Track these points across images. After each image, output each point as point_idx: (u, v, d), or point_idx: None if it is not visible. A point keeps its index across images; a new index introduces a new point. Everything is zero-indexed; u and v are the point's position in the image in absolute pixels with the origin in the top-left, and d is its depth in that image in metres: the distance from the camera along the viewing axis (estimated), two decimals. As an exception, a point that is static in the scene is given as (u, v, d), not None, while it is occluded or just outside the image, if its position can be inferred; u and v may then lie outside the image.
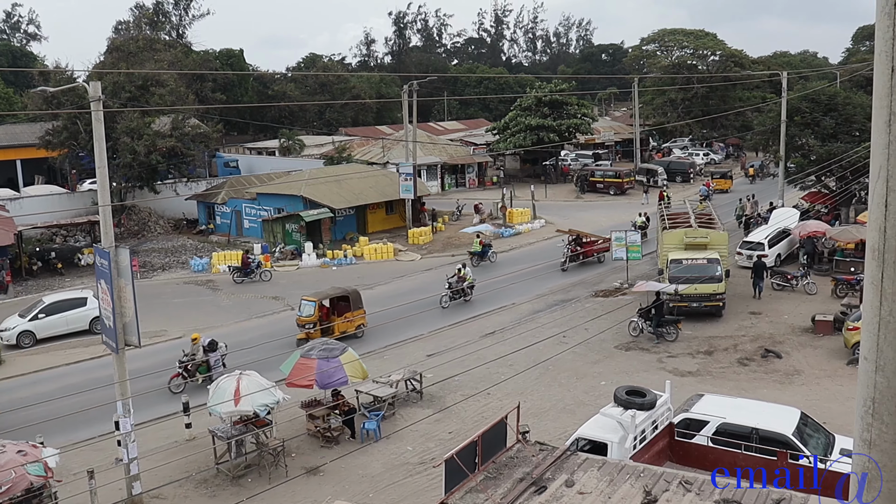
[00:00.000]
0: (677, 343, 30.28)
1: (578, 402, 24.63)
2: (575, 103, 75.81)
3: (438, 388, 25.79)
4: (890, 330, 3.64)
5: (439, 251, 48.09)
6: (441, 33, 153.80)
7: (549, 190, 68.90)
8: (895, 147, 3.48)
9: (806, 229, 40.82)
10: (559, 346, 28.44)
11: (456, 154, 75.54)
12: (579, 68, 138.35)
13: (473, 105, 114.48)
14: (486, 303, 35.85)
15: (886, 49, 3.48)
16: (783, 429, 18.13)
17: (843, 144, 47.62)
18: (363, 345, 30.44)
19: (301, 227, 47.67)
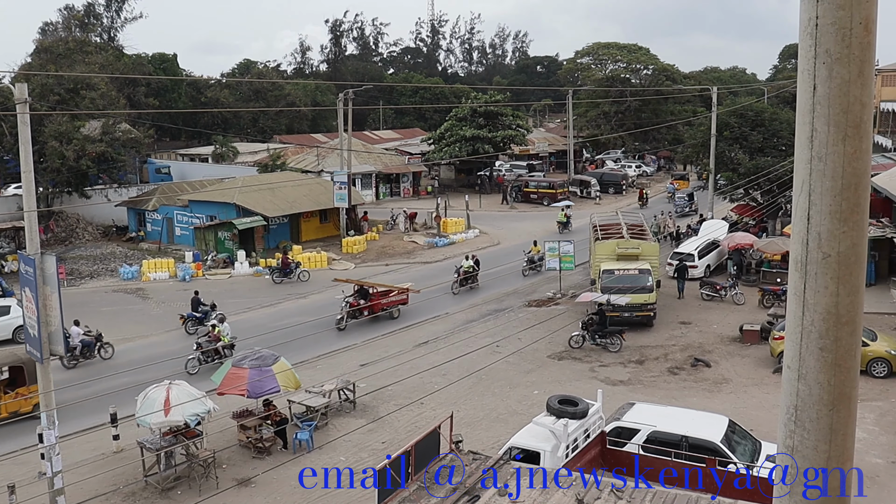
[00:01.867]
0: (609, 352, 30.62)
1: (511, 412, 24.74)
2: (510, 114, 76.36)
3: (371, 398, 25.69)
4: (812, 339, 3.74)
5: (373, 260, 47.97)
6: (377, 42, 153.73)
7: (484, 200, 69.23)
8: (817, 162, 3.58)
9: (734, 241, 41.71)
10: (493, 356, 28.56)
11: (391, 163, 75.50)
12: (514, 79, 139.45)
13: (409, 114, 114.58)
14: (419, 313, 35.83)
15: (809, 67, 3.59)
16: (712, 436, 18.45)
17: (769, 158, 48.81)
18: (296, 354, 30.16)
19: (234, 235, 47.15)
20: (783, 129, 49.96)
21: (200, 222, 49.58)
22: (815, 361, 3.76)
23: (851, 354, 3.77)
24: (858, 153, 3.55)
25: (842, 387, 3.79)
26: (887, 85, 62.33)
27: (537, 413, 19.61)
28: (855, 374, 3.83)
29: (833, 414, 3.82)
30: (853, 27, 3.48)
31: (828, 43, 3.52)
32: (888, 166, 46.71)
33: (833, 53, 3.51)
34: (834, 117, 3.53)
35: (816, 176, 3.59)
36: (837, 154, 3.54)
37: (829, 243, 3.61)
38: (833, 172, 3.56)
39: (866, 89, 3.54)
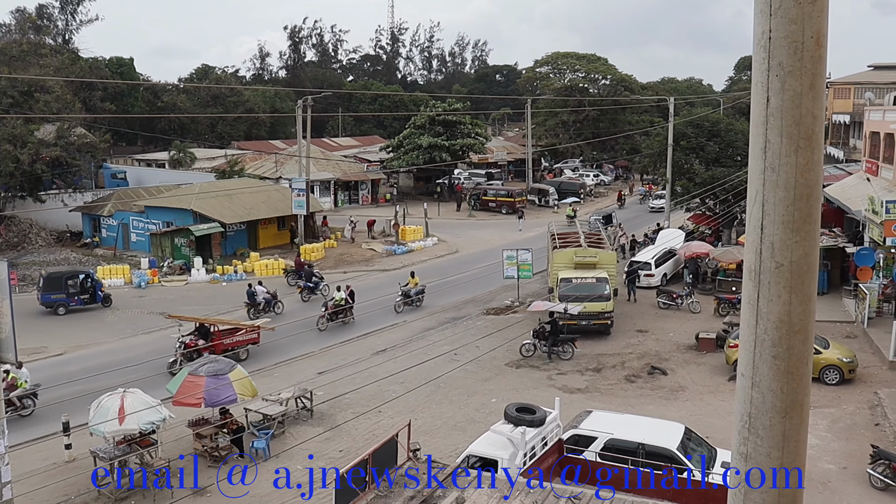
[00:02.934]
0: (567, 360, 30.76)
1: (469, 420, 24.75)
2: (469, 123, 76.63)
3: (329, 406, 25.59)
4: (765, 348, 3.79)
5: (331, 267, 47.77)
6: (337, 49, 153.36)
7: (442, 208, 69.32)
8: (770, 173, 3.64)
9: (690, 250, 42.19)
10: (450, 364, 28.57)
11: (349, 170, 75.39)
12: (474, 88, 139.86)
13: (368, 122, 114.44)
14: (377, 320, 35.75)
15: (762, 80, 3.64)
16: (668, 444, 18.61)
17: (725, 169, 49.47)
18: (253, 362, 29.99)
19: (190, 241, 46.72)
20: (738, 139, 50.64)
21: (157, 228, 49.07)
22: (769, 369, 3.81)
23: (804, 362, 3.83)
24: (810, 164, 3.61)
25: (794, 394, 3.84)
26: (839, 97, 63.44)
27: (495, 421, 19.64)
28: (807, 382, 3.89)
29: (786, 421, 3.87)
30: (805, 41, 3.55)
31: (781, 56, 3.58)
32: (840, 177, 47.52)
33: (786, 66, 3.57)
34: (787, 129, 3.59)
35: (770, 186, 3.65)
36: (790, 165, 3.60)
37: (782, 253, 3.67)
38: (786, 183, 3.61)
39: (818, 102, 3.61)
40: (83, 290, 38.77)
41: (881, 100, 52.60)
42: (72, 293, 38.45)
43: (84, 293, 38.79)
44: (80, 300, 38.56)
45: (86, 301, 38.77)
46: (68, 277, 38.81)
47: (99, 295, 39.38)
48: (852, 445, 22.08)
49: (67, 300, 38.48)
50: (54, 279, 38.59)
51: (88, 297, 38.89)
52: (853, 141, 59.51)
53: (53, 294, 38.27)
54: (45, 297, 38.28)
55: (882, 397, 25.48)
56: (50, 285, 38.28)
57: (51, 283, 38.32)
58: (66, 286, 38.36)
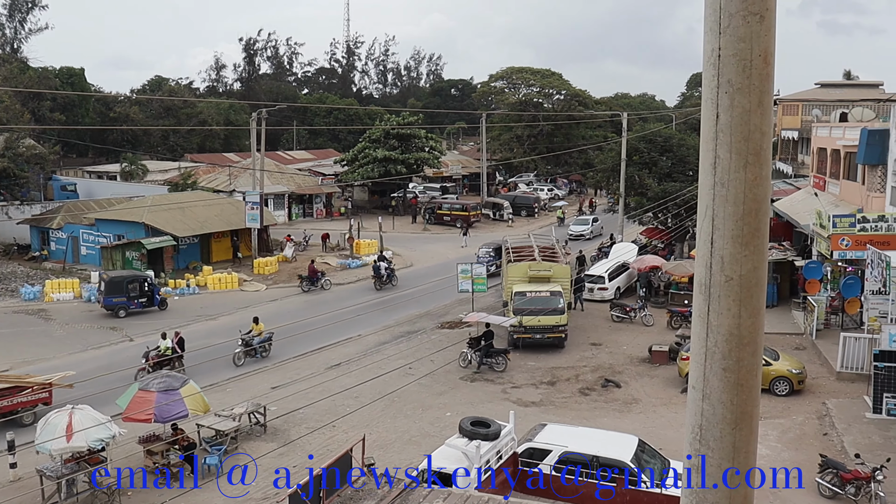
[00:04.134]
0: (521, 374, 30.87)
1: (424, 434, 24.71)
2: (424, 136, 76.73)
3: (283, 421, 25.37)
4: (715, 360, 3.84)
5: (285, 281, 47.47)
6: (292, 62, 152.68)
7: (397, 221, 69.26)
8: (720, 188, 3.70)
9: (643, 263, 42.59)
10: (405, 378, 28.50)
11: (304, 184, 75.05)
12: (429, 102, 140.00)
13: (323, 135, 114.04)
14: (332, 334, 35.57)
15: (712, 96, 3.71)
16: (622, 456, 18.74)
17: (677, 183, 50.08)
18: (205, 377, 29.63)
19: (142, 255, 46.13)
20: (690, 154, 51.31)
21: (107, 241, 48.35)
22: (719, 381, 3.86)
23: (753, 374, 3.89)
24: (759, 179, 3.68)
25: (744, 406, 3.89)
26: (788, 114, 64.55)
27: (450, 435, 19.64)
28: (756, 394, 3.94)
29: (736, 432, 3.92)
30: (753, 59, 3.62)
31: (730, 73, 3.64)
32: (789, 192, 48.32)
33: (735, 83, 3.64)
34: (736, 145, 3.65)
35: (719, 201, 3.71)
36: (739, 180, 3.66)
37: (732, 266, 3.73)
38: (735, 198, 3.67)
39: (766, 118, 3.67)
40: (142, 294, 40.49)
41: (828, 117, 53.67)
42: (132, 296, 40.10)
43: (143, 296, 40.48)
44: (139, 303, 40.21)
45: (144, 304, 40.46)
46: (129, 281, 40.53)
47: (156, 298, 41.12)
48: (801, 455, 22.39)
49: (128, 303, 40.06)
50: (116, 283, 40.13)
51: (146, 300, 40.59)
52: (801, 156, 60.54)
53: (115, 297, 39.81)
54: (108, 300, 39.78)
55: (830, 407, 25.90)
56: (112, 289, 39.82)
57: (112, 287, 39.87)
58: (127, 289, 40.02)
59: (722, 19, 3.65)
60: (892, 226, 30.17)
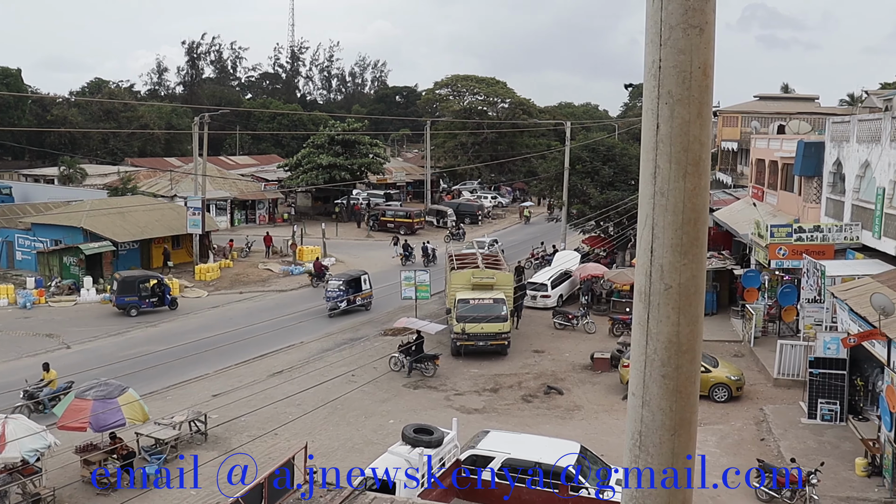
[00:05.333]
0: (464, 381, 30.92)
1: (367, 441, 24.61)
2: (368, 143, 76.56)
3: (224, 430, 25.08)
4: (655, 367, 3.89)
5: (227, 288, 47.01)
6: (236, 66, 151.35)
7: (341, 228, 68.97)
8: (660, 197, 3.75)
9: (586, 271, 42.96)
10: (348, 385, 28.39)
11: (247, 189, 74.42)
12: (373, 108, 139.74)
13: (266, 140, 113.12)
14: (274, 341, 35.28)
15: (652, 107, 3.76)
16: (564, 462, 18.84)
17: (619, 192, 50.65)
18: (144, 385, 29.15)
19: (80, 260, 45.32)
20: (632, 164, 51.89)
21: (44, 247, 47.42)
22: (658, 388, 3.91)
23: (692, 381, 3.94)
24: (698, 189, 3.74)
25: (683, 412, 3.94)
26: (728, 125, 65.66)
27: (392, 442, 19.59)
28: (695, 400, 3.99)
29: (675, 438, 3.97)
30: (693, 71, 3.68)
31: (670, 85, 3.70)
32: (728, 202, 49.14)
33: (675, 95, 3.69)
34: (675, 155, 3.71)
35: (659, 210, 3.76)
36: (678, 190, 3.71)
37: (671, 275, 3.78)
38: (674, 207, 3.73)
39: (705, 129, 3.73)
40: (153, 294, 41.15)
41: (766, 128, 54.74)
42: (143, 296, 40.78)
43: (154, 296, 41.11)
44: (150, 303, 40.86)
45: (155, 304, 41.06)
46: (141, 281, 41.19)
47: (167, 298, 41.65)
48: (740, 460, 22.74)
49: (140, 302, 40.75)
50: (128, 283, 40.86)
51: (158, 300, 41.20)
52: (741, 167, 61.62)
53: (127, 297, 40.50)
54: (120, 299, 40.53)
55: (767, 413, 26.36)
56: (124, 288, 40.56)
57: (125, 287, 40.61)
58: (139, 289, 40.73)
59: (663, 31, 3.70)
60: (827, 236, 30.84)
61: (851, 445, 23.11)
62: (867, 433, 22.85)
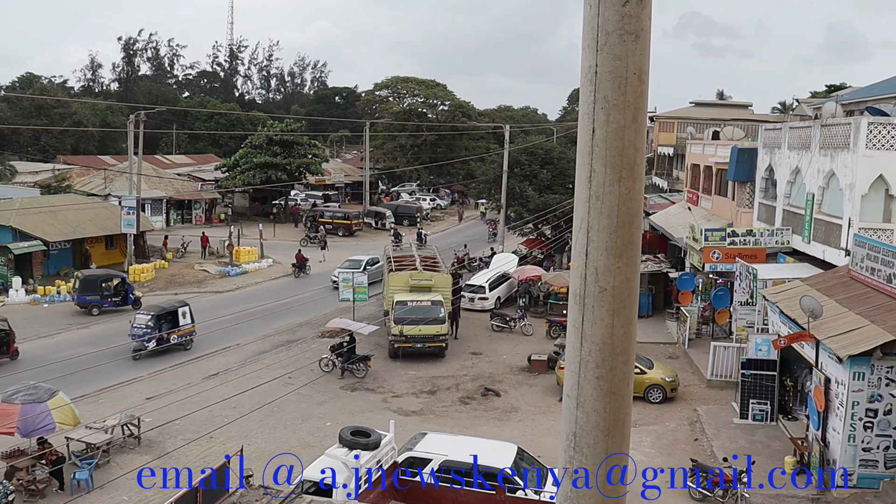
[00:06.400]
0: (402, 383, 30.89)
1: (304, 444, 24.43)
2: (306, 143, 76.11)
3: (158, 433, 24.68)
4: (589, 369, 3.93)
5: (162, 289, 46.32)
6: (173, 64, 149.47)
7: (278, 229, 68.41)
8: (595, 201, 3.79)
9: (524, 274, 43.21)
10: (285, 388, 28.16)
11: (183, 189, 73.42)
12: (312, 109, 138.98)
13: (203, 140, 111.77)
14: (210, 344, 34.87)
15: (588, 112, 3.80)
16: (502, 463, 18.93)
17: (557, 195, 51.08)
18: (76, 388, 28.59)
19: (9, 260, 44.23)
20: (570, 167, 52.34)
21: (-29, 245, 46.23)
22: (592, 390, 3.95)
23: (625, 382, 3.99)
24: (632, 193, 3.78)
25: (616, 413, 3.99)
26: (664, 131, 66.68)
27: (330, 445, 19.48)
28: (628, 401, 4.04)
29: (609, 439, 4.01)
30: (628, 77, 3.72)
31: (606, 90, 3.74)
32: (664, 206, 49.87)
33: (610, 100, 3.74)
34: (610, 159, 3.75)
35: (594, 214, 3.80)
36: (613, 194, 3.76)
37: (606, 278, 3.82)
38: (609, 211, 3.77)
39: (639, 134, 3.78)
40: (116, 293, 40.84)
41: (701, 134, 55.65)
42: (105, 295, 40.41)
43: (116, 295, 40.79)
44: (112, 302, 40.46)
45: (118, 303, 40.68)
46: (103, 280, 40.83)
47: (130, 297, 41.29)
48: (674, 460, 23.07)
49: (101, 301, 40.43)
50: (90, 281, 40.37)
51: (120, 299, 40.87)
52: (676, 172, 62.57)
53: (89, 296, 40.13)
54: (81, 298, 40.20)
55: (700, 414, 26.79)
56: (86, 287, 40.08)
57: (87, 285, 40.15)
58: (101, 288, 40.37)
59: (599, 37, 3.74)
60: (759, 240, 31.47)
61: (781, 444, 23.60)
62: (796, 432, 23.36)
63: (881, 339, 19.16)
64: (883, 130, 24.56)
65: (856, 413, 19.73)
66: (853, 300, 22.00)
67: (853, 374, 19.53)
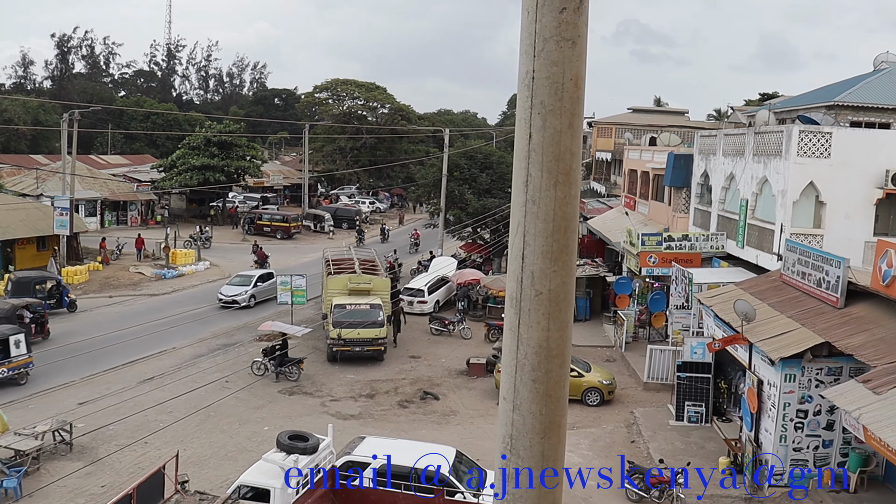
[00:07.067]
0: (340, 387, 30.76)
1: (241, 449, 24.18)
2: (245, 145, 75.42)
3: (90, 439, 24.21)
4: (525, 372, 3.95)
5: (96, 291, 45.46)
6: (109, 62, 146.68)
7: (215, 231, 67.67)
8: (531, 205, 3.81)
9: (463, 277, 43.33)
10: (222, 392, 27.84)
11: (118, 190, 72.17)
12: (251, 110, 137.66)
13: (140, 140, 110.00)
14: (145, 347, 34.34)
15: (525, 117, 3.82)
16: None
17: (496, 199, 51.37)
18: (5, 394, 27.95)
19: (-66, 261, 43.05)
20: (509, 172, 52.38)
21: None
22: (529, 392, 3.97)
23: (561, 385, 4.01)
24: (568, 198, 3.81)
25: (552, 416, 4.01)
26: (602, 136, 67.45)
27: (267, 449, 19.33)
28: (564, 404, 4.07)
29: (545, 441, 4.04)
30: (565, 82, 3.75)
31: (543, 95, 3.77)
32: (602, 210, 50.43)
33: (547, 105, 3.76)
34: (547, 164, 3.77)
35: (531, 218, 3.82)
36: (549, 198, 3.78)
37: (542, 281, 3.84)
38: (545, 215, 3.79)
39: (576, 139, 3.82)
40: (50, 296, 39.39)
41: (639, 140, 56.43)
42: (39, 297, 38.22)
43: (51, 298, 39.27)
44: (47, 304, 37.85)
45: (52, 305, 38.90)
46: (37, 282, 39.51)
47: (66, 300, 40.19)
48: (611, 462, 23.31)
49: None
50: (23, 283, 39.01)
51: (55, 301, 39.48)
52: (614, 177, 63.35)
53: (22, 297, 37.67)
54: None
55: (637, 416, 27.14)
56: (18, 289, 38.46)
57: (20, 288, 38.62)
58: (35, 290, 38.78)
59: (537, 43, 3.77)
60: (694, 245, 31.99)
61: (716, 445, 24.01)
62: (730, 433, 23.78)
63: (811, 341, 19.64)
64: (814, 139, 25.16)
65: (787, 414, 20.18)
66: (785, 304, 22.50)
67: (785, 376, 19.97)
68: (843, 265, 20.94)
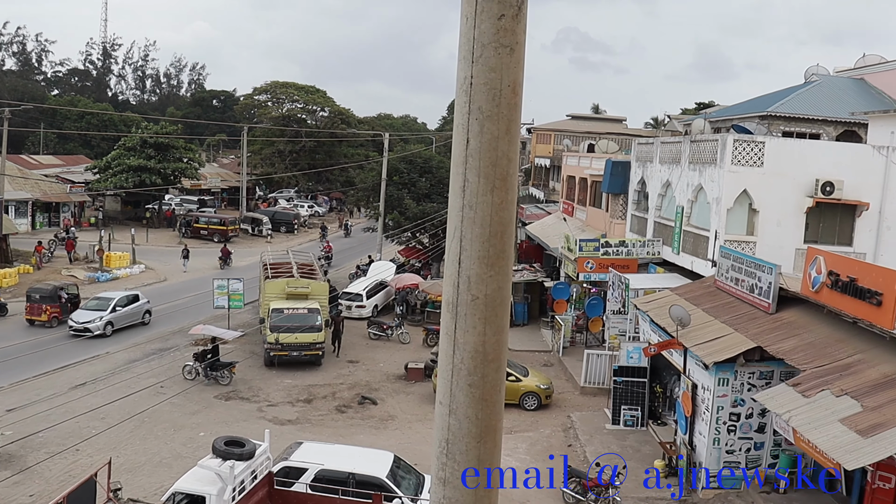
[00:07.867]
0: (277, 391, 30.51)
1: (176, 455, 23.83)
2: (182, 147, 74.45)
3: (19, 447, 23.59)
4: (461, 376, 3.96)
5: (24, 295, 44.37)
6: (41, 60, 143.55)
7: (151, 234, 66.67)
8: (468, 210, 3.83)
9: (401, 282, 43.29)
10: (156, 397, 27.43)
11: (50, 191, 70.66)
12: (189, 112, 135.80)
13: (73, 140, 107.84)
14: (77, 352, 33.66)
15: (463, 122, 3.84)
16: (378, 472, 18.93)
17: (435, 204, 51.42)
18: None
19: None
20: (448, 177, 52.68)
21: None
22: (465, 397, 3.98)
23: (497, 389, 4.03)
24: (505, 203, 3.84)
25: (488, 420, 4.03)
26: (541, 142, 67.95)
27: (203, 455, 19.09)
28: (500, 408, 4.09)
29: (481, 445, 4.05)
30: (503, 88, 3.78)
31: (480, 101, 3.78)
32: (540, 216, 50.80)
33: (485, 111, 3.78)
34: (484, 169, 3.79)
35: (468, 223, 3.83)
36: (486, 203, 3.80)
37: (478, 286, 3.86)
38: (482, 220, 3.81)
39: (513, 145, 3.84)
40: None
41: (577, 147, 57.03)
42: None
43: None
44: None
45: None
46: None
47: None
48: (550, 464, 23.47)
49: None
50: None
51: None
52: (553, 183, 63.86)
53: None
54: None
55: (574, 420, 27.37)
56: None
57: None
58: None
59: (475, 49, 3.79)
60: (631, 251, 32.39)
61: (651, 448, 24.33)
62: (665, 437, 24.12)
63: (744, 346, 20.02)
64: (747, 148, 25.66)
65: (720, 417, 20.53)
66: (719, 309, 22.90)
67: (718, 380, 20.32)
68: (774, 272, 21.39)
